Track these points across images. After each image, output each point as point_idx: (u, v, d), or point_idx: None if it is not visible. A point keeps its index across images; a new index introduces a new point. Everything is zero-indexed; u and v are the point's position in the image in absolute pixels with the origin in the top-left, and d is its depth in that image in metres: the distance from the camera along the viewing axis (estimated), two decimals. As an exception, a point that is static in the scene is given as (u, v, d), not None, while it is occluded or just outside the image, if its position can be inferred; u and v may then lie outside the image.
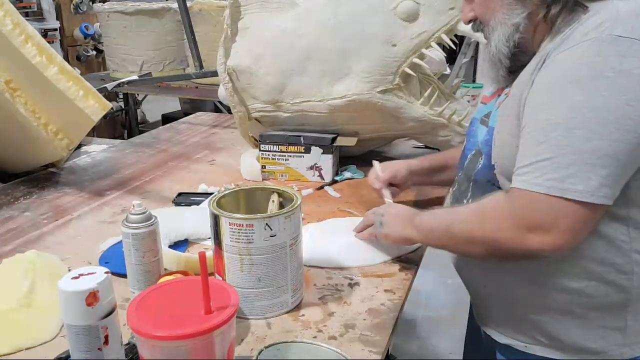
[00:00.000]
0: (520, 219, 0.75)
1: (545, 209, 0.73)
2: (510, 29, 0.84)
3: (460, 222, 0.86)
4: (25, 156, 1.55)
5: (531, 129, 0.76)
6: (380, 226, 1.00)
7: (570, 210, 0.72)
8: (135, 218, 0.87)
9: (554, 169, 0.72)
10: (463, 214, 0.87)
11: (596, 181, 0.71)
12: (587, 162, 0.71)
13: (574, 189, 0.71)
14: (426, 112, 1.40)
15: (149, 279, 0.89)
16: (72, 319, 0.67)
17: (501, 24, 0.86)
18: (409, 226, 0.95)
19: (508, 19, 0.84)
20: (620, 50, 0.71)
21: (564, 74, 0.75)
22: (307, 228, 1.10)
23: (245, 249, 0.82)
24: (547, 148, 0.73)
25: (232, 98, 1.48)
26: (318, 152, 1.46)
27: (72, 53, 4.63)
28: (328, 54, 1.38)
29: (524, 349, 0.89)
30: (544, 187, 0.73)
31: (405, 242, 0.99)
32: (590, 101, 0.71)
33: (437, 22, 1.33)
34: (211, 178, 1.51)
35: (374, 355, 0.78)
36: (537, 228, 0.74)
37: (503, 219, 0.78)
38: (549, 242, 0.73)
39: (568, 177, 0.71)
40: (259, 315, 0.86)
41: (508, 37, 0.85)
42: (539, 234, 0.74)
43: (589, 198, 0.71)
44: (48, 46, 1.37)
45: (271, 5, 1.47)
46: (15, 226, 1.22)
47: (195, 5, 3.13)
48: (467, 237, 0.84)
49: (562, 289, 0.82)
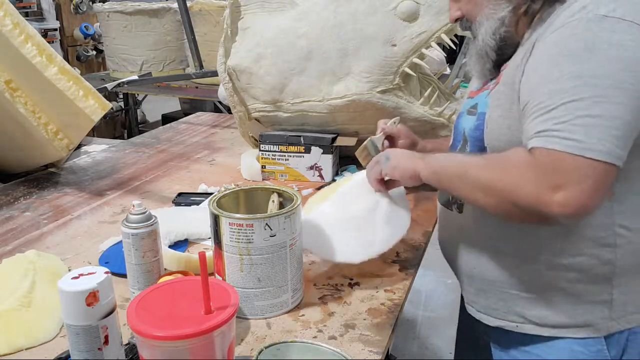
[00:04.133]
0: (543, 175, 0.75)
1: (568, 167, 0.73)
2: (496, 23, 0.88)
3: (478, 168, 0.84)
4: (25, 156, 1.55)
5: (538, 101, 0.77)
6: (386, 160, 0.97)
7: (591, 169, 0.72)
8: (135, 218, 0.87)
9: (571, 131, 0.73)
10: (482, 160, 0.85)
11: (611, 142, 0.72)
12: (600, 125, 0.72)
13: (593, 149, 0.72)
14: (426, 112, 1.40)
15: (149, 279, 0.89)
16: (72, 319, 0.67)
17: (487, 19, 0.89)
18: (418, 160, 0.93)
19: (494, 14, 0.88)
20: (607, 26, 0.75)
21: (558, 50, 0.77)
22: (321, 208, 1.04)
23: (245, 249, 0.82)
24: (560, 113, 0.74)
25: (232, 98, 1.48)
26: (318, 152, 1.46)
27: (72, 53, 4.63)
28: (328, 54, 1.38)
29: (515, 328, 0.91)
30: (564, 146, 0.73)
31: (412, 176, 0.93)
32: (590, 70, 0.74)
33: (437, 22, 1.33)
34: (211, 178, 1.51)
35: (374, 355, 0.78)
36: (559, 186, 0.73)
37: (525, 174, 0.77)
38: (572, 202, 0.73)
39: (586, 138, 0.72)
40: (259, 315, 0.86)
41: (494, 30, 0.89)
42: (561, 192, 0.73)
43: (608, 158, 0.72)
44: (48, 46, 1.36)
45: (271, 5, 1.47)
46: (15, 226, 1.22)
47: (195, 5, 3.13)
48: (485, 184, 0.82)
49: (552, 266, 0.85)
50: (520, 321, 0.90)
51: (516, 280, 0.89)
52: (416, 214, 1.26)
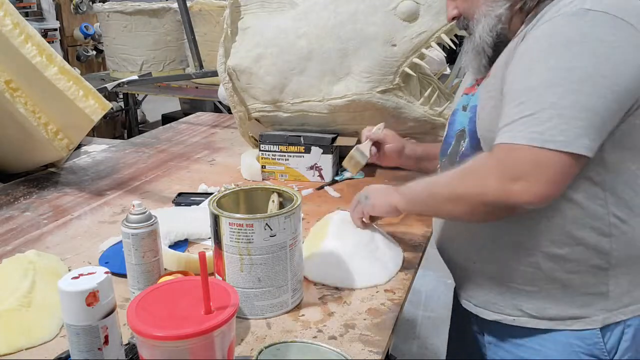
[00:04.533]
0: (504, 169, 0.78)
1: (527, 160, 0.76)
2: (493, 20, 0.90)
3: (443, 182, 0.89)
4: (25, 156, 1.55)
5: (511, 95, 0.80)
6: (365, 200, 1.03)
7: (551, 160, 0.75)
8: (135, 218, 0.87)
9: (535, 123, 0.75)
10: (446, 175, 0.90)
11: (575, 132, 0.74)
12: (566, 115, 0.74)
13: (554, 140, 0.74)
14: (426, 112, 1.40)
15: (149, 279, 0.89)
16: (72, 319, 0.67)
17: (485, 16, 0.91)
18: (394, 194, 0.98)
19: (492, 11, 0.90)
20: (590, 20, 0.76)
21: (538, 44, 0.79)
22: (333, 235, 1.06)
23: (245, 249, 0.82)
24: (527, 106, 0.77)
25: (232, 98, 1.48)
26: (318, 152, 1.46)
27: (72, 53, 4.63)
28: (328, 54, 1.38)
29: (512, 322, 0.91)
30: (526, 139, 0.76)
31: (391, 211, 0.99)
32: (564, 62, 0.76)
33: (437, 22, 1.33)
34: (211, 178, 1.51)
35: (374, 355, 0.78)
36: (519, 178, 0.76)
37: (486, 172, 0.80)
38: (532, 192, 0.76)
39: (548, 129, 0.74)
40: (259, 315, 0.86)
41: (492, 27, 0.90)
42: (522, 184, 0.76)
43: (569, 148, 0.74)
44: (48, 46, 1.36)
45: (271, 5, 1.47)
46: (15, 226, 1.22)
47: (195, 5, 3.13)
48: (450, 194, 0.86)
49: (550, 257, 0.86)
50: (518, 314, 0.91)
51: (515, 273, 0.89)
52: (416, 214, 1.25)
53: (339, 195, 1.38)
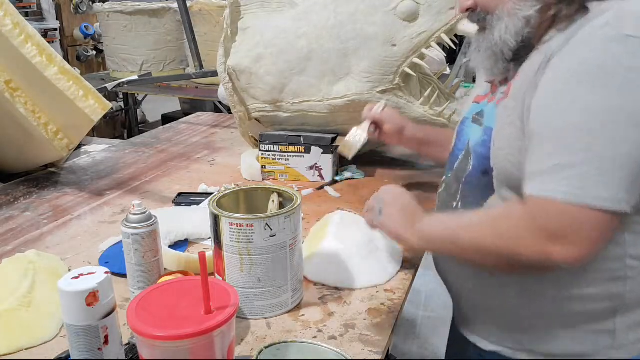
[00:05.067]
0: (540, 228, 0.71)
1: (565, 218, 0.69)
2: (520, 22, 0.80)
3: (469, 232, 0.79)
4: (25, 156, 1.55)
5: (543, 133, 0.72)
6: (379, 214, 0.92)
7: (592, 219, 0.68)
8: (135, 218, 0.87)
9: (572, 174, 0.68)
10: (472, 223, 0.80)
11: (616, 187, 0.67)
12: (606, 167, 0.67)
13: (593, 196, 0.67)
14: (426, 112, 1.40)
15: (149, 279, 0.89)
16: (72, 319, 0.67)
17: (510, 15, 0.80)
18: (409, 230, 0.87)
19: (519, 11, 0.79)
20: (630, 49, 0.68)
21: (573, 73, 0.70)
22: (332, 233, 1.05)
23: (245, 249, 0.82)
24: (563, 152, 0.69)
25: (232, 98, 1.48)
26: (318, 152, 1.46)
27: (72, 53, 4.63)
28: (328, 54, 1.38)
29: (511, 355, 0.87)
30: (562, 194, 0.68)
31: (401, 243, 0.94)
32: (604, 101, 0.68)
33: (437, 22, 1.33)
34: (211, 178, 1.51)
35: (374, 355, 0.78)
36: (558, 238, 0.69)
37: (520, 228, 0.73)
38: (571, 252, 0.70)
39: (587, 183, 0.67)
40: (259, 315, 0.86)
41: (518, 30, 0.80)
42: (561, 243, 0.69)
43: (610, 205, 0.67)
44: (48, 46, 1.36)
45: (271, 5, 1.47)
46: (15, 226, 1.22)
47: (195, 5, 3.13)
48: (479, 246, 0.78)
49: (555, 297, 0.80)
50: (518, 348, 0.86)
51: (516, 308, 0.84)
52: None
53: (339, 195, 1.38)
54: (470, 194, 0.89)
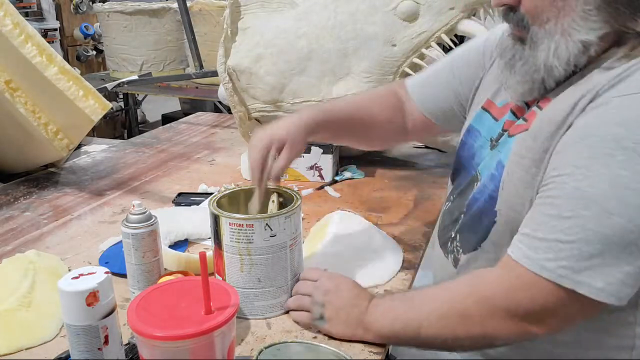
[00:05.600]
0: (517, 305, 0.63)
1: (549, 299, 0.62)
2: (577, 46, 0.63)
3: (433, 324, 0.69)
4: (25, 156, 1.55)
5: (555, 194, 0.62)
6: (320, 320, 0.79)
7: (578, 305, 0.61)
8: (135, 218, 0.87)
9: (572, 255, 0.60)
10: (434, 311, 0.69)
11: (618, 279, 0.59)
12: (613, 256, 0.58)
13: (590, 284, 0.59)
14: (426, 112, 1.40)
15: (149, 279, 0.89)
16: (72, 319, 0.67)
17: (563, 34, 0.64)
18: (359, 328, 0.76)
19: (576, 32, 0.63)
20: None
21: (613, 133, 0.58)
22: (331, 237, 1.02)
23: (245, 249, 0.82)
24: (570, 227, 0.60)
25: (232, 98, 1.48)
26: (318, 152, 1.45)
27: (72, 53, 4.63)
28: (328, 54, 1.38)
29: None
30: (555, 275, 0.61)
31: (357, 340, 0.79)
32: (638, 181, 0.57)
33: (437, 22, 1.33)
34: (211, 178, 1.51)
35: (374, 355, 0.78)
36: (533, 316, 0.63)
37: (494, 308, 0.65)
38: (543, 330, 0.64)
39: (587, 268, 0.59)
40: (259, 315, 0.86)
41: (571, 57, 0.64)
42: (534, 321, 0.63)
43: (605, 298, 0.60)
44: (48, 46, 1.36)
45: (271, 5, 1.47)
46: (15, 226, 1.22)
47: (195, 5, 3.13)
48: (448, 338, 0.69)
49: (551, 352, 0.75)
50: None
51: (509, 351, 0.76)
52: (416, 214, 1.26)
53: (339, 195, 1.38)
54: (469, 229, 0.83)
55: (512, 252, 0.65)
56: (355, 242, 1.02)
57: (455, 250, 0.87)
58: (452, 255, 0.88)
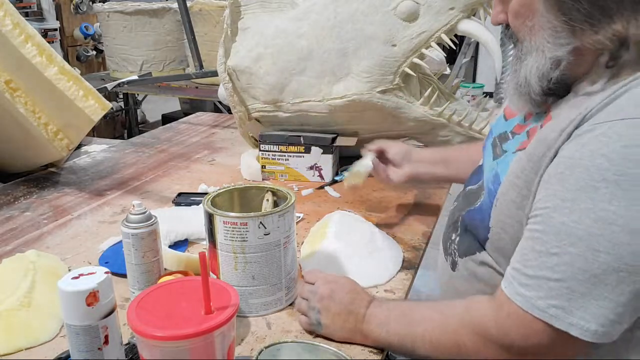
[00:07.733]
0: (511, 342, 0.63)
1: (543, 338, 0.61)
2: (547, 63, 0.65)
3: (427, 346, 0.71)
4: (25, 156, 1.55)
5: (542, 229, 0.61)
6: (318, 325, 0.79)
7: (569, 345, 0.61)
8: (135, 218, 0.87)
9: (563, 294, 0.59)
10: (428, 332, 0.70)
11: (610, 320, 0.58)
12: (605, 296, 0.57)
13: (582, 327, 0.59)
14: (426, 112, 1.40)
15: (149, 279, 0.89)
16: (72, 319, 0.67)
17: (537, 51, 0.66)
18: (357, 334, 0.77)
19: (547, 50, 0.65)
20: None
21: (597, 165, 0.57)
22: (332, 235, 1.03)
23: (239, 247, 0.82)
24: (557, 264, 0.59)
25: (232, 98, 1.48)
26: (318, 152, 1.46)
27: (72, 53, 4.63)
28: (328, 54, 1.38)
29: None
30: (547, 315, 0.60)
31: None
32: (626, 217, 0.55)
33: (437, 22, 1.33)
34: (211, 178, 1.51)
35: (374, 355, 0.78)
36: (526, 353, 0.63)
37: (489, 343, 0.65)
38: None
39: (578, 308, 0.58)
40: (254, 312, 0.86)
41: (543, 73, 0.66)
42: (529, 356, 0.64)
43: (598, 339, 0.59)
44: (48, 46, 1.37)
45: (271, 5, 1.47)
46: (15, 226, 1.22)
47: (195, 5, 3.13)
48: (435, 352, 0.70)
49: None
50: None
51: None
52: (416, 214, 1.26)
53: (339, 195, 1.38)
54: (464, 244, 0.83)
55: (505, 287, 0.65)
56: (355, 242, 1.02)
57: (453, 253, 0.89)
58: (450, 257, 0.89)
